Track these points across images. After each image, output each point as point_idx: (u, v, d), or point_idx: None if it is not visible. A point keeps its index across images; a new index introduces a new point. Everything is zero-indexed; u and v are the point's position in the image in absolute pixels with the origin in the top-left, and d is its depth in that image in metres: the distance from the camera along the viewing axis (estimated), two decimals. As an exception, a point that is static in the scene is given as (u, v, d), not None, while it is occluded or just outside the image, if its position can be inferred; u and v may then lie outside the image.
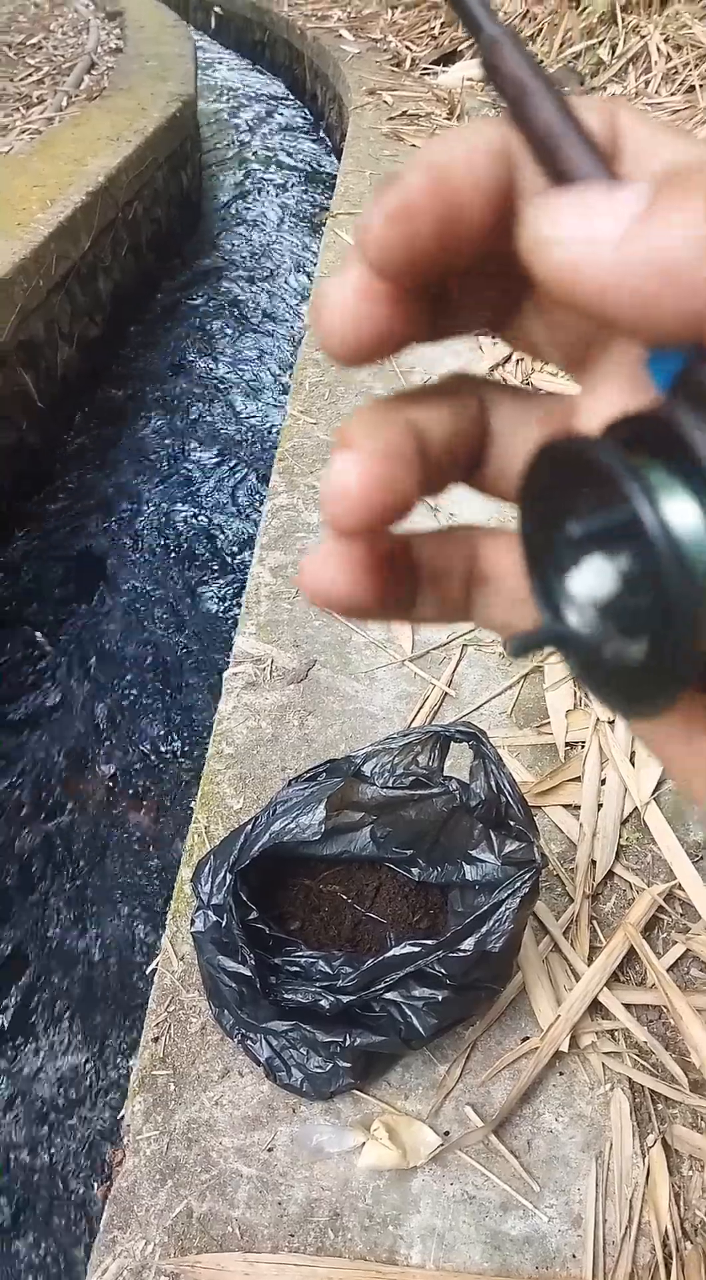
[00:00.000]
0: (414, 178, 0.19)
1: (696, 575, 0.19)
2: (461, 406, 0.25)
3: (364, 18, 6.82)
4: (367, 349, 0.22)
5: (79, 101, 4.76)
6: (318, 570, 0.24)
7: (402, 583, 0.26)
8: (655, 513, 0.19)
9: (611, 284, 0.18)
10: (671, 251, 0.17)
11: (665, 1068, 1.14)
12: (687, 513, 0.19)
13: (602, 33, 4.58)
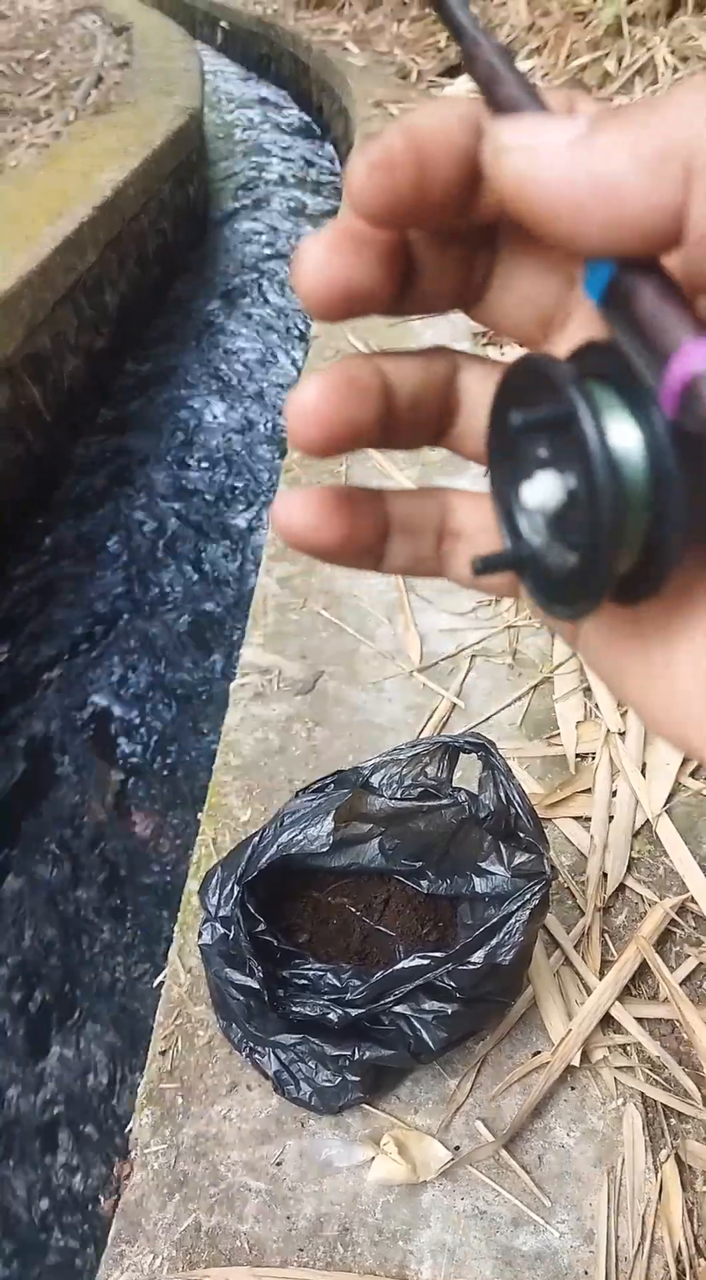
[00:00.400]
0: (393, 136, 0.23)
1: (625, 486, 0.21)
2: (432, 365, 0.28)
3: (369, 31, 6.85)
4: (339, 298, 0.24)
5: (86, 116, 4.79)
6: (288, 508, 0.26)
7: (371, 530, 0.28)
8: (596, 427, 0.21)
9: (550, 191, 0.21)
10: (603, 167, 0.20)
11: (678, 1082, 1.13)
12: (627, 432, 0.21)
13: (609, 45, 4.59)
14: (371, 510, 0.28)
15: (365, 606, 1.82)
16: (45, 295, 3.20)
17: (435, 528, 0.30)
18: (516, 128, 0.22)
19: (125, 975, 1.91)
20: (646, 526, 0.22)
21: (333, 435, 0.25)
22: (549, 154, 0.21)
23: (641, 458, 0.21)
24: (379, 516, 0.29)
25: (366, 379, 0.25)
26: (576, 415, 0.21)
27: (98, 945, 1.97)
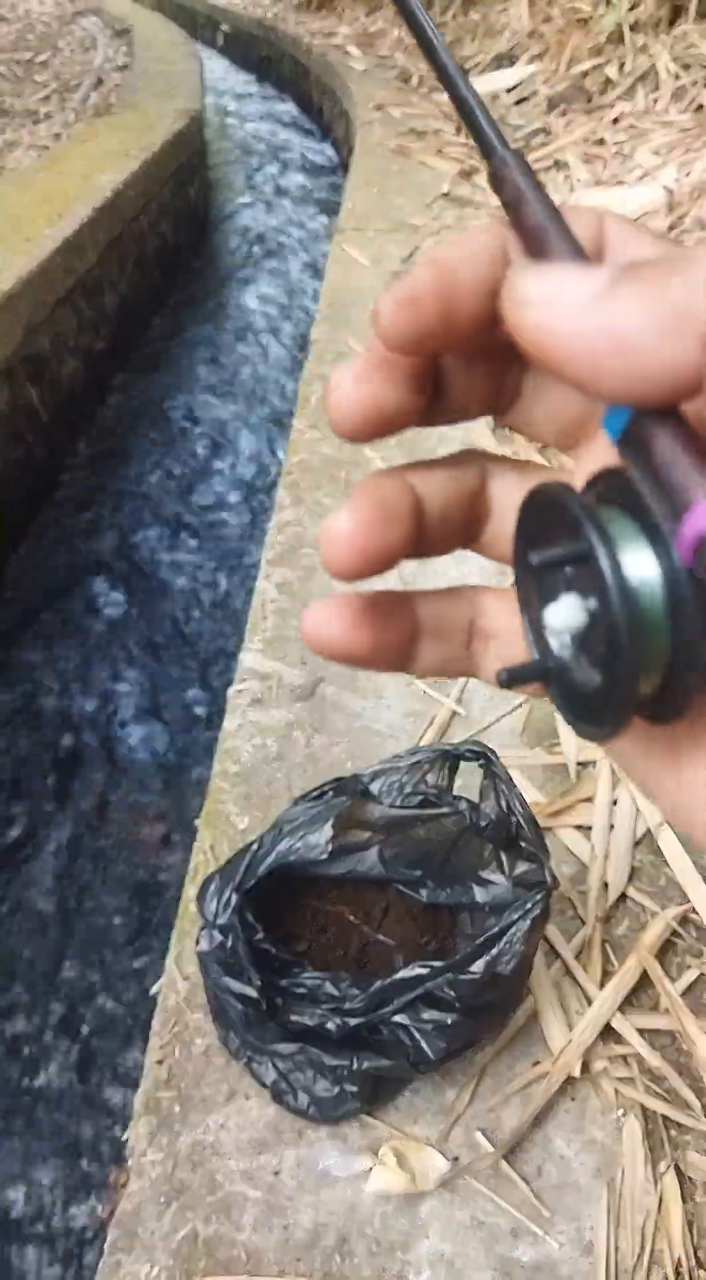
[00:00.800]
0: (421, 272, 0.24)
1: (643, 617, 0.22)
2: (461, 475, 0.29)
3: (371, 34, 6.86)
4: (371, 423, 0.26)
5: (86, 118, 4.79)
6: (315, 619, 0.28)
7: (400, 635, 0.29)
8: (612, 565, 0.22)
9: (572, 345, 0.21)
10: (621, 325, 0.21)
11: (678, 1094, 1.12)
12: (644, 564, 0.22)
13: (610, 51, 4.59)
14: (399, 616, 0.29)
15: (365, 612, 1.81)
16: (45, 297, 3.20)
17: (465, 629, 0.30)
18: (538, 280, 0.22)
19: (122, 983, 1.90)
20: (667, 654, 0.23)
21: (367, 562, 0.27)
22: (569, 310, 0.21)
23: (658, 590, 0.22)
24: (407, 621, 0.29)
25: (397, 502, 0.27)
26: (593, 554, 0.22)
27: (94, 953, 1.96)
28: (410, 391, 0.26)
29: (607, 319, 0.21)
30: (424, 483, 0.28)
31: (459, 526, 0.29)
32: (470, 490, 0.29)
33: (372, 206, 3.79)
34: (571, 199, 3.44)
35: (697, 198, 3.08)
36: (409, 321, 0.24)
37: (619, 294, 0.21)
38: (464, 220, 3.61)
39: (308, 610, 0.28)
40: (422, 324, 0.24)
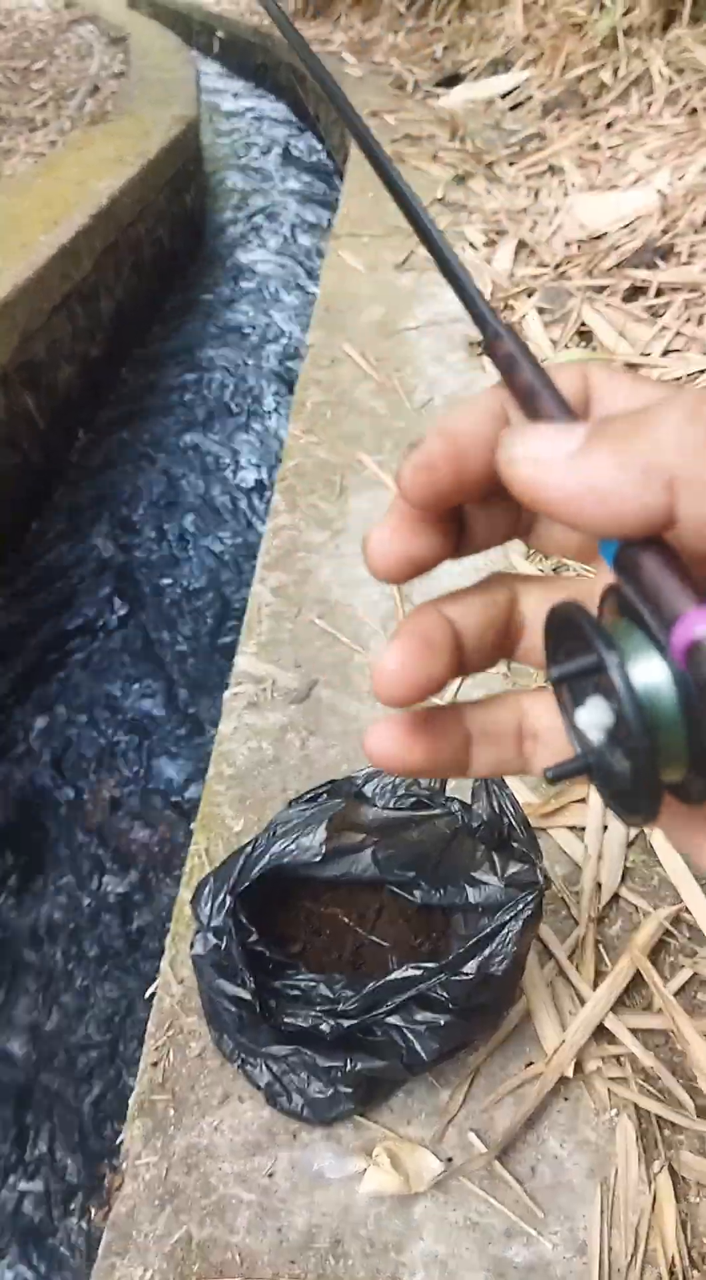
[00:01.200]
0: (433, 441, 0.28)
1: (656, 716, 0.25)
2: (493, 599, 0.32)
3: (366, 41, 6.87)
4: (406, 568, 0.30)
5: (82, 125, 4.80)
6: (376, 741, 0.30)
7: (453, 746, 0.32)
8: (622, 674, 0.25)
9: (557, 496, 0.25)
10: (596, 479, 0.24)
11: (672, 1093, 1.12)
12: (652, 670, 0.25)
13: (605, 56, 4.60)
14: (451, 729, 0.32)
15: (360, 615, 1.81)
16: (41, 303, 3.20)
17: (514, 732, 0.33)
18: (523, 440, 0.26)
19: (117, 986, 1.90)
20: (685, 746, 0.25)
21: (415, 692, 0.29)
22: (550, 466, 0.25)
23: (668, 691, 0.25)
24: (458, 733, 0.32)
25: (438, 636, 0.30)
26: (604, 666, 0.25)
27: (89, 956, 1.96)
28: (437, 538, 0.30)
29: (584, 474, 0.24)
30: (460, 612, 0.31)
31: (495, 645, 0.32)
32: (502, 611, 0.32)
33: (367, 212, 3.80)
34: (566, 204, 3.44)
35: (691, 201, 3.09)
36: (426, 486, 0.28)
37: (593, 451, 0.24)
38: (458, 224, 3.61)
39: (370, 732, 0.31)
40: (438, 486, 0.28)
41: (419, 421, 2.45)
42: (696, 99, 3.87)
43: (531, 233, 3.41)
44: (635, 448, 0.24)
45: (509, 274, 3.18)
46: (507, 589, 0.33)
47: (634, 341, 2.59)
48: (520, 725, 0.33)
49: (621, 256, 2.98)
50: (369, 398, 2.55)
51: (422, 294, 3.13)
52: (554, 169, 3.93)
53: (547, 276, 3.06)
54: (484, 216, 3.67)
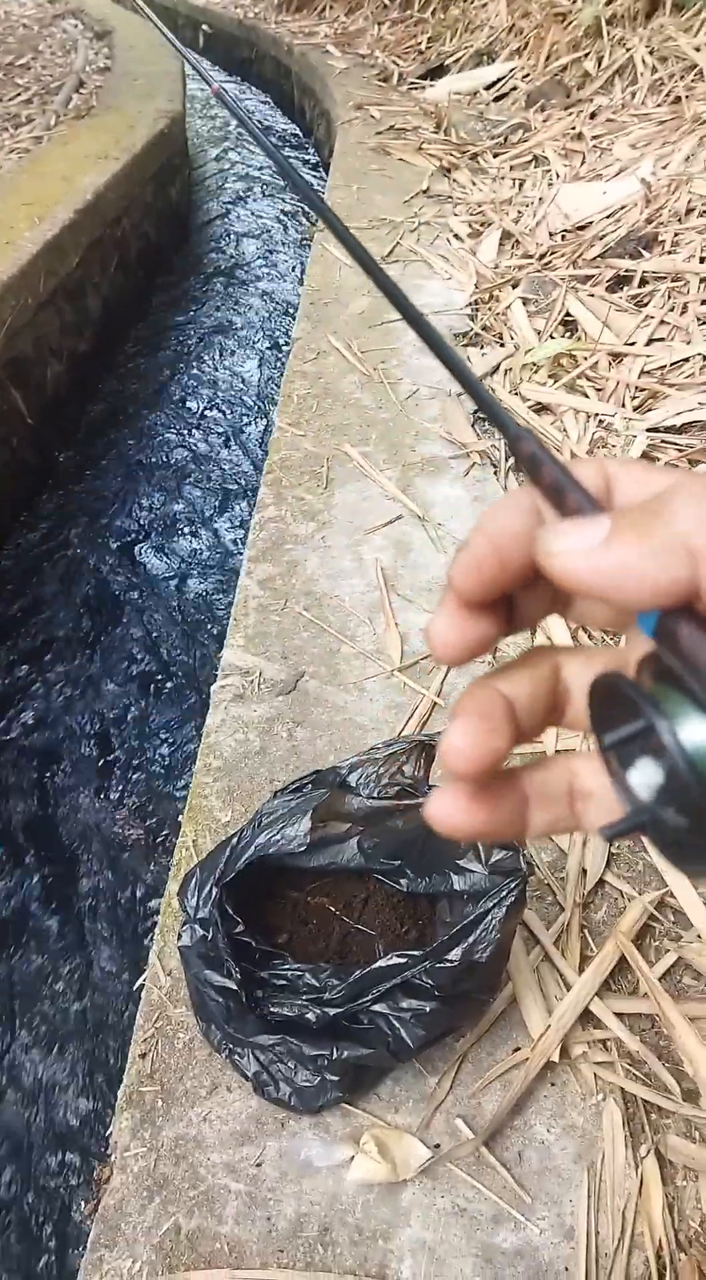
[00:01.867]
0: (477, 541, 0.32)
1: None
2: (538, 672, 0.35)
3: (351, 33, 6.86)
4: (465, 652, 0.33)
5: (67, 120, 4.78)
6: (440, 810, 0.33)
7: (512, 810, 0.34)
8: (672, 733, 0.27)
9: (592, 579, 0.28)
10: (624, 561, 0.27)
11: (657, 1077, 1.13)
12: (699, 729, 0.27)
13: (588, 46, 4.60)
14: (509, 793, 0.34)
15: (347, 607, 1.82)
16: (26, 299, 3.19)
17: (566, 792, 0.35)
18: (558, 535, 0.30)
19: (105, 978, 1.90)
20: None
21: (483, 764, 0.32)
22: (583, 556, 0.28)
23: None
24: (516, 796, 0.35)
25: (496, 710, 0.33)
26: (654, 728, 0.28)
27: (78, 948, 1.96)
28: (490, 622, 0.33)
29: (615, 558, 0.28)
30: (510, 687, 0.34)
31: (545, 714, 0.35)
32: (548, 683, 0.35)
33: (353, 204, 3.79)
34: (550, 194, 3.44)
35: (675, 190, 3.09)
36: (475, 582, 0.32)
37: (619, 537, 0.28)
38: (443, 216, 3.61)
39: (433, 799, 0.33)
40: (485, 581, 0.32)
41: (404, 414, 2.44)
42: (680, 87, 3.87)
43: (516, 223, 3.41)
44: (656, 530, 0.27)
45: (493, 264, 3.18)
46: (550, 661, 0.35)
47: (618, 331, 2.59)
48: (572, 786, 0.35)
49: (605, 246, 2.98)
50: (355, 390, 2.55)
51: (407, 286, 3.12)
52: (538, 159, 3.93)
53: (532, 267, 3.06)
54: (468, 207, 3.67)
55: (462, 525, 2.04)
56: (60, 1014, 1.85)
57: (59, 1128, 1.68)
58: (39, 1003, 1.86)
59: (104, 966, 1.93)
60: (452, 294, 3.06)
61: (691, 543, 0.27)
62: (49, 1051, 1.79)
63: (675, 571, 0.27)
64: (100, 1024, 1.83)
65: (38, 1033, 1.82)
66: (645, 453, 2.13)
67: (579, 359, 2.54)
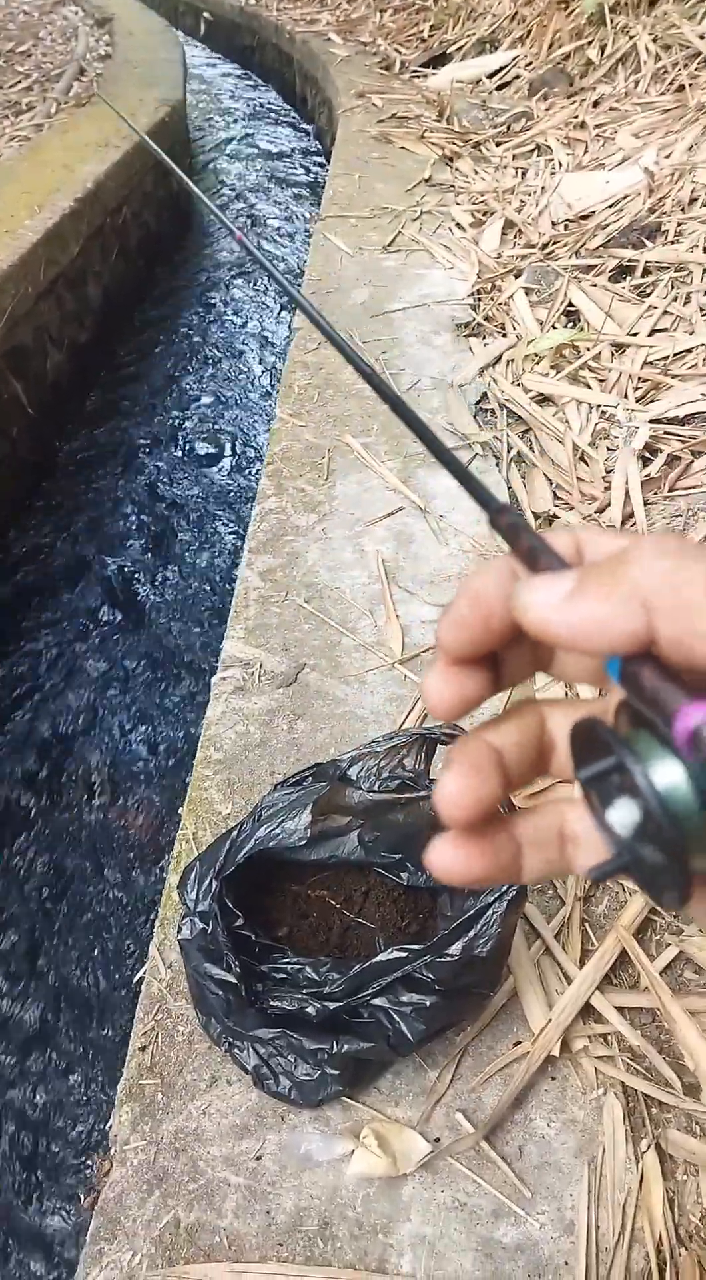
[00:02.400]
0: (462, 602, 0.34)
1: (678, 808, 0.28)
2: (524, 723, 0.37)
3: (353, 21, 6.82)
4: (459, 707, 0.35)
5: (68, 108, 4.76)
6: (440, 858, 0.35)
7: (509, 855, 0.36)
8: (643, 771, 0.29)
9: (561, 629, 0.31)
10: (586, 612, 0.30)
11: (658, 1071, 1.13)
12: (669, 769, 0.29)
13: (591, 33, 4.57)
14: (503, 840, 0.36)
15: (347, 599, 1.81)
16: (27, 289, 3.18)
17: (557, 837, 0.37)
18: (529, 589, 0.32)
19: (105, 970, 1.90)
20: None
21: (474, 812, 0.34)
22: (552, 607, 0.31)
23: (684, 784, 0.28)
24: (510, 843, 0.36)
25: (485, 760, 0.35)
26: (625, 765, 0.30)
27: (77, 940, 1.96)
28: (478, 678, 0.35)
29: (578, 609, 0.30)
30: (499, 737, 0.36)
31: (533, 762, 0.37)
32: (534, 733, 0.37)
33: (354, 193, 3.78)
34: (553, 183, 3.43)
35: (678, 180, 3.07)
36: (461, 640, 0.34)
37: (583, 590, 0.30)
38: (445, 205, 3.59)
39: (433, 848, 0.35)
40: (471, 639, 0.34)
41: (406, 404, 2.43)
42: (683, 75, 3.85)
43: (518, 213, 3.39)
44: (615, 584, 0.30)
45: (496, 254, 3.16)
46: (536, 713, 0.38)
47: (621, 321, 2.58)
48: (562, 831, 0.37)
49: (608, 236, 2.97)
50: (356, 380, 2.54)
51: (408, 275, 3.11)
52: (541, 148, 3.91)
53: (534, 256, 3.05)
54: (471, 196, 3.65)
55: (464, 517, 2.03)
56: (59, 1006, 1.85)
57: (58, 1120, 1.68)
58: (37, 995, 1.86)
59: (103, 959, 1.93)
60: (455, 283, 3.04)
61: (646, 596, 0.29)
62: (48, 1044, 1.79)
63: (632, 621, 0.29)
64: (99, 1016, 1.83)
65: (36, 1025, 1.82)
66: (647, 444, 2.12)
67: (581, 349, 2.52)
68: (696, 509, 1.96)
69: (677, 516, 1.96)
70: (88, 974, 1.90)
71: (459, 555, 1.92)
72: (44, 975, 1.90)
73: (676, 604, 0.29)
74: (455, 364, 2.60)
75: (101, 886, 2.07)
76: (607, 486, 2.06)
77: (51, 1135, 1.66)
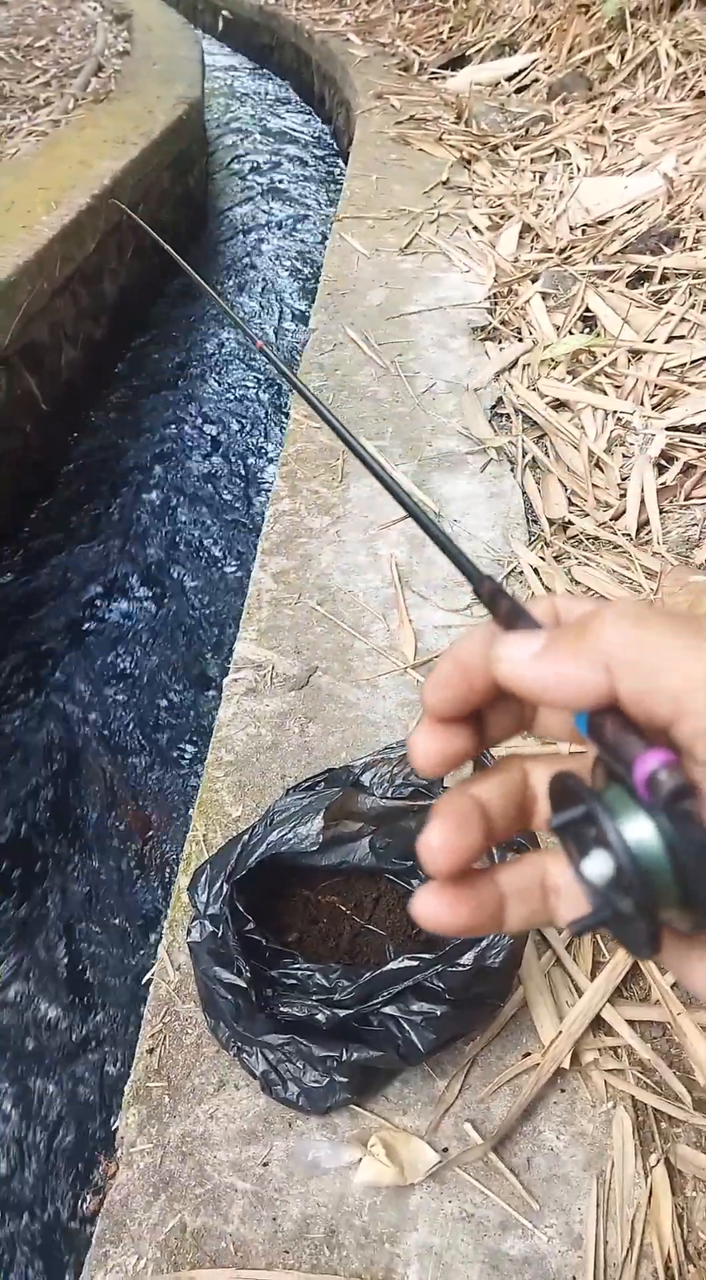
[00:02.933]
0: (446, 665, 0.36)
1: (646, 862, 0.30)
2: (508, 777, 0.38)
3: (372, 21, 6.82)
4: (443, 764, 0.37)
5: (86, 104, 4.76)
6: (425, 908, 0.36)
7: (492, 905, 0.37)
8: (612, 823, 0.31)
9: (531, 684, 0.33)
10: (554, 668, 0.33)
11: (668, 1086, 1.12)
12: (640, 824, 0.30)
13: (612, 38, 4.56)
14: (487, 891, 0.37)
15: (361, 602, 1.81)
16: (42, 285, 3.18)
17: (539, 888, 0.38)
18: (503, 645, 0.34)
19: (113, 972, 1.90)
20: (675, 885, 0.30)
21: (457, 862, 0.35)
22: (522, 664, 0.34)
23: (655, 837, 0.30)
24: (494, 894, 0.37)
25: (468, 814, 0.36)
26: (594, 814, 0.31)
27: (86, 942, 1.96)
28: (463, 737, 0.37)
29: (546, 666, 0.33)
30: (483, 791, 0.37)
31: (516, 815, 0.38)
32: (517, 787, 0.38)
33: (372, 195, 3.77)
34: (571, 188, 3.42)
35: (697, 186, 3.06)
36: (445, 699, 0.36)
37: (551, 648, 0.33)
38: (462, 208, 3.59)
39: (418, 898, 0.36)
40: (454, 699, 0.36)
41: (421, 408, 2.43)
42: (704, 82, 3.84)
43: (536, 217, 3.38)
44: (580, 644, 0.32)
45: (513, 258, 3.16)
46: (519, 767, 0.39)
47: (638, 327, 2.57)
48: (544, 882, 0.38)
49: (626, 241, 2.96)
50: (371, 382, 2.54)
51: (425, 278, 3.11)
52: (559, 152, 3.90)
53: (552, 261, 3.04)
54: (488, 200, 3.65)
55: (478, 521, 2.03)
56: (67, 1007, 1.84)
57: (65, 1122, 1.67)
58: (46, 996, 1.86)
59: (111, 960, 1.92)
60: (471, 287, 3.04)
61: (609, 656, 0.32)
62: (56, 1045, 1.79)
63: (596, 678, 0.32)
64: (108, 1018, 1.83)
65: (44, 1026, 1.82)
66: (663, 451, 2.12)
67: (598, 355, 2.52)
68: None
69: (693, 525, 1.95)
70: (95, 975, 1.90)
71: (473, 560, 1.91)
72: (51, 976, 1.89)
73: (636, 664, 0.31)
74: (471, 368, 2.60)
75: (109, 885, 2.06)
76: (623, 494, 2.06)
77: (58, 1136, 1.66)
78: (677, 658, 0.31)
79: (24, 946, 1.94)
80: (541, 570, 1.88)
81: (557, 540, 1.98)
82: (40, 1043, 1.79)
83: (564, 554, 1.93)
